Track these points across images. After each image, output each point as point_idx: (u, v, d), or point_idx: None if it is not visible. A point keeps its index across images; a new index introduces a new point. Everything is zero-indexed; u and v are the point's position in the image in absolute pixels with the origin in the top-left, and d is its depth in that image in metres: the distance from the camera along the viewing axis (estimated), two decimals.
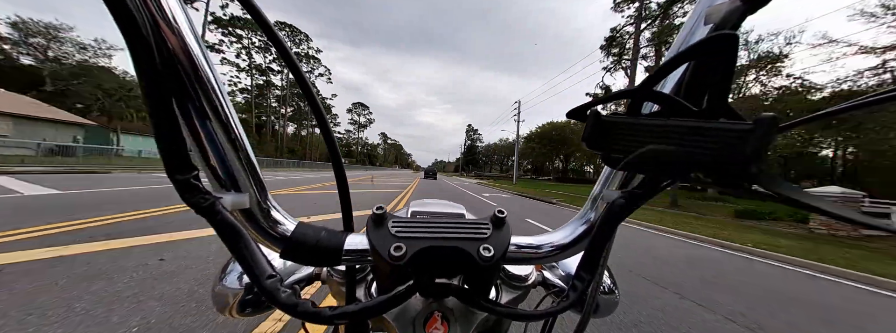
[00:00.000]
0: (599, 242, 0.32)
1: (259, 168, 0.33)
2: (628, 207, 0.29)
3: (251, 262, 0.28)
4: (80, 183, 7.98)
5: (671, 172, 0.24)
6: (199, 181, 0.25)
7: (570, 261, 0.52)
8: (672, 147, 0.22)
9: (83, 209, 4.77)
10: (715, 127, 0.20)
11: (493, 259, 0.29)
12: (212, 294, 0.45)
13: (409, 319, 0.39)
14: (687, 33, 0.30)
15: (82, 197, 5.83)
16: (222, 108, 0.28)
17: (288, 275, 0.48)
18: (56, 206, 4.84)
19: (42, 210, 4.47)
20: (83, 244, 3.13)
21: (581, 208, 0.43)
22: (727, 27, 0.21)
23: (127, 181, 9.26)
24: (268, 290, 0.28)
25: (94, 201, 5.47)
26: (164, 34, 0.24)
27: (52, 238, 3.22)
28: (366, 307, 0.29)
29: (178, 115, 0.25)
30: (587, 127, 0.26)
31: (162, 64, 0.24)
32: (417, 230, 0.30)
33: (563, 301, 0.33)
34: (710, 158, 0.20)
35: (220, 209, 0.26)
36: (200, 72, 0.26)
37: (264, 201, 0.33)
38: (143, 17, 0.22)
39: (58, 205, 4.93)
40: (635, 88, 0.24)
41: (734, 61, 0.21)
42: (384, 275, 0.32)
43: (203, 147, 0.29)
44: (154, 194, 6.88)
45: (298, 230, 0.33)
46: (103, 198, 5.90)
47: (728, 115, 0.22)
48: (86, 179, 9.31)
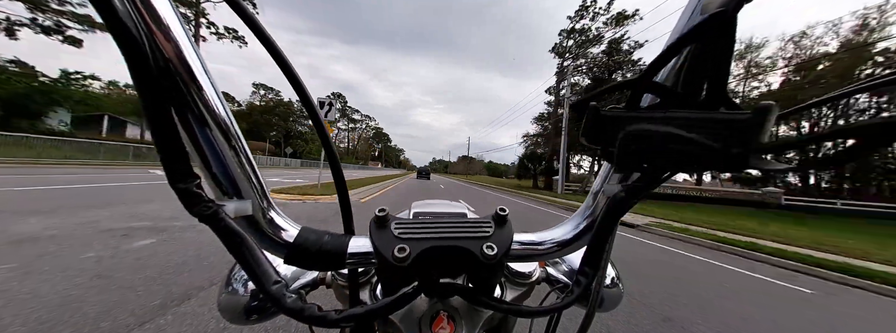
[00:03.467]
0: (602, 236, 0.32)
1: (260, 174, 0.33)
2: (629, 200, 0.29)
3: (256, 268, 0.28)
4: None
5: (671, 163, 0.24)
6: (201, 190, 0.25)
7: (573, 256, 0.52)
8: (670, 128, 0.22)
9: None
10: (714, 117, 0.20)
11: (496, 257, 0.29)
12: (218, 302, 0.45)
13: (415, 319, 0.39)
14: (683, 25, 0.30)
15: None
16: (221, 115, 0.28)
17: (293, 280, 0.48)
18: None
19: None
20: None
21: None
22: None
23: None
24: (273, 296, 0.28)
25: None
26: (159, 43, 0.24)
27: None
28: (371, 309, 0.29)
29: (177, 123, 0.25)
30: (586, 121, 0.25)
31: (158, 72, 0.23)
32: (420, 230, 0.30)
33: (568, 296, 0.33)
34: (710, 148, 0.20)
35: (223, 216, 0.26)
36: (198, 79, 0.26)
37: (267, 207, 0.33)
38: (137, 25, 0.22)
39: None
40: (635, 79, 0.24)
41: (732, 47, 0.20)
42: (388, 277, 0.32)
43: (204, 155, 0.28)
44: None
45: (301, 236, 0.33)
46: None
47: (726, 105, 0.22)
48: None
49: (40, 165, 12.81)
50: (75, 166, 13.37)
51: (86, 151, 18.32)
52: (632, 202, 0.29)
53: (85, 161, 16.20)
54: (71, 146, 17.84)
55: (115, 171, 12.73)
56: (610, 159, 0.26)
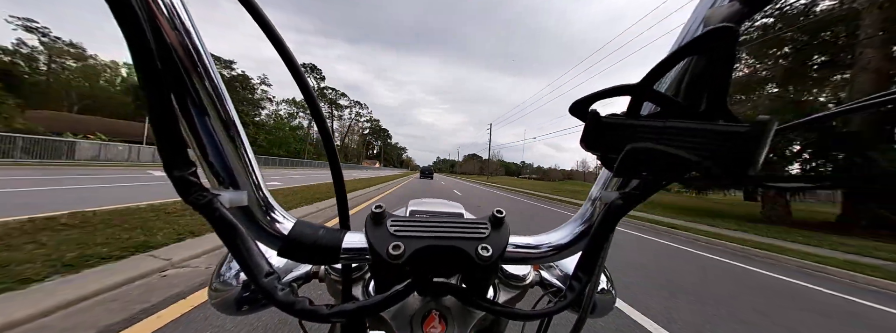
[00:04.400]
0: (597, 242, 0.32)
1: (257, 166, 0.33)
2: (625, 207, 0.29)
3: (248, 260, 0.28)
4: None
5: (670, 173, 0.24)
6: (196, 178, 0.25)
7: (568, 261, 0.52)
8: (671, 149, 0.22)
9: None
10: (713, 129, 0.20)
11: (491, 259, 0.29)
12: (209, 292, 0.45)
13: (407, 317, 0.39)
14: (684, 37, 0.30)
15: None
16: (221, 105, 0.28)
17: (285, 273, 0.48)
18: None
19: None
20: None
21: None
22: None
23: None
24: (265, 288, 0.27)
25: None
26: (164, 29, 0.24)
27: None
28: (363, 305, 0.29)
29: (176, 111, 0.25)
30: (586, 128, 0.25)
31: (161, 59, 0.23)
32: (416, 229, 0.30)
33: (561, 300, 0.33)
34: (708, 160, 0.20)
35: (218, 206, 0.26)
36: (200, 68, 0.26)
37: (262, 198, 0.33)
38: (142, 11, 0.22)
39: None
40: (635, 84, 0.24)
41: (733, 59, 0.21)
42: (382, 274, 0.32)
43: (202, 144, 0.28)
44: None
45: (296, 229, 0.33)
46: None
47: (726, 117, 0.22)
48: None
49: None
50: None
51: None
52: (628, 209, 0.30)
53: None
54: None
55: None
56: (608, 166, 0.26)
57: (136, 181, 9.40)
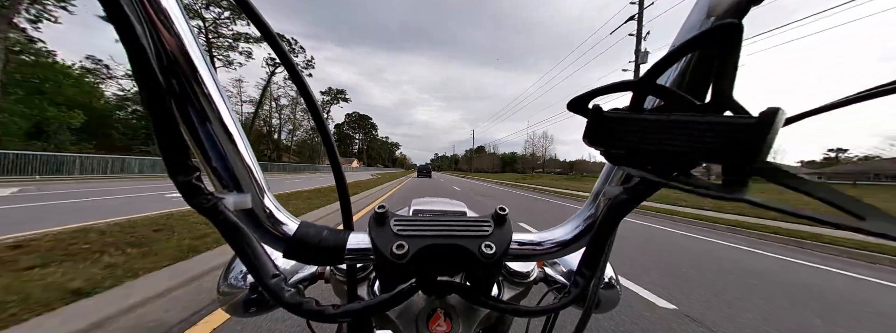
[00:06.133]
0: (601, 238, 0.32)
1: (259, 169, 0.33)
2: (630, 203, 0.29)
3: (255, 262, 0.28)
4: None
5: (675, 167, 0.23)
6: (201, 182, 0.25)
7: (572, 257, 0.52)
8: (676, 143, 0.21)
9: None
10: (718, 121, 0.20)
11: (494, 257, 0.29)
12: (217, 295, 0.46)
13: (412, 316, 0.39)
14: (688, 26, 0.30)
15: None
16: (222, 109, 0.28)
17: (291, 274, 0.48)
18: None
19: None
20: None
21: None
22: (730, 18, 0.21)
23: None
24: (272, 289, 0.28)
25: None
26: (162, 36, 0.24)
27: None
28: (369, 304, 0.29)
29: (177, 117, 0.25)
30: (588, 123, 0.25)
31: (160, 66, 0.23)
32: (419, 228, 0.31)
33: (565, 297, 0.33)
34: (714, 153, 0.20)
35: (223, 209, 0.26)
36: (199, 73, 0.26)
37: (266, 201, 0.33)
38: (141, 18, 0.22)
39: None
40: (637, 80, 0.24)
41: (738, 52, 0.20)
42: (386, 273, 0.33)
43: (204, 148, 0.29)
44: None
45: (301, 230, 0.33)
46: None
47: (732, 108, 0.22)
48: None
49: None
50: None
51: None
52: (633, 205, 0.29)
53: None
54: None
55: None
56: (612, 161, 0.26)
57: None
